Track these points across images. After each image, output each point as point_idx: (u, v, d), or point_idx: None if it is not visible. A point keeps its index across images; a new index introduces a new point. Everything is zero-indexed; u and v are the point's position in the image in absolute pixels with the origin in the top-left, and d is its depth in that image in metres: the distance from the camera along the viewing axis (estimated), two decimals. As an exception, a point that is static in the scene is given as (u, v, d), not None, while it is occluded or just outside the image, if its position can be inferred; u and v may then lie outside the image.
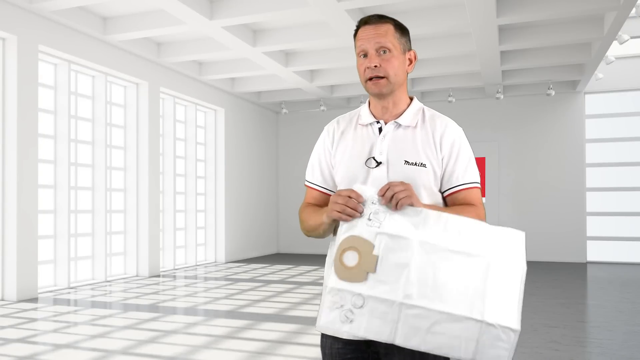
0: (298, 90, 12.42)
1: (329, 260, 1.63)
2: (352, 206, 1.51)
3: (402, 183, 1.49)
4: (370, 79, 1.65)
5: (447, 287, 1.46)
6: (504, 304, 1.45)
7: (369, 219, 1.52)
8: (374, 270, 1.49)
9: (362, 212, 1.53)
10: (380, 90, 1.65)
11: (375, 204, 1.53)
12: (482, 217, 1.64)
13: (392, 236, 1.50)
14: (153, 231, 9.50)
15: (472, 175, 1.67)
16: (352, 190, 1.53)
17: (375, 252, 1.50)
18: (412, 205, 1.50)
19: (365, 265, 1.50)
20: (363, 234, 1.52)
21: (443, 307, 1.44)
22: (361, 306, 1.49)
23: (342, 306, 1.50)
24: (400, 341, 1.47)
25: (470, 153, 1.69)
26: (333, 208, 1.52)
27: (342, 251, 1.53)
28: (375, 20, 1.67)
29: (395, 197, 1.48)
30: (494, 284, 1.45)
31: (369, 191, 1.55)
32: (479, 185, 1.68)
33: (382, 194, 1.49)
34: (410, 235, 1.49)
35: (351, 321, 1.50)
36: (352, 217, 1.52)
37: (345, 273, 1.51)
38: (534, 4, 7.22)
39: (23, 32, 7.09)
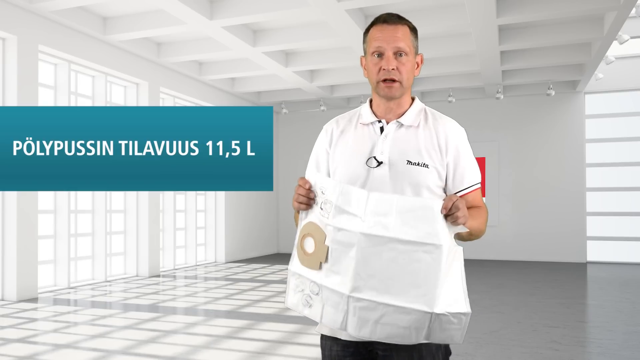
0: (298, 90, 12.41)
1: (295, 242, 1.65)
2: (303, 194, 1.53)
3: (464, 207, 1.44)
4: (384, 80, 1.62)
5: (395, 278, 1.43)
6: (451, 289, 1.42)
7: (321, 208, 1.53)
8: (326, 261, 1.50)
9: (315, 199, 1.54)
10: (392, 93, 1.64)
11: (324, 194, 1.52)
12: (487, 215, 1.68)
13: (337, 229, 1.49)
14: (153, 231, 9.49)
15: (477, 175, 1.68)
16: (302, 178, 1.54)
17: (326, 242, 1.50)
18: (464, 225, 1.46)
19: (319, 255, 1.51)
20: (317, 222, 1.53)
21: (390, 299, 1.43)
22: (317, 293, 1.52)
23: (302, 290, 1.55)
24: (351, 331, 1.48)
25: (472, 153, 1.70)
26: (293, 198, 1.56)
27: (302, 236, 1.55)
28: (394, 21, 1.64)
29: (454, 217, 1.42)
30: (442, 271, 1.41)
31: (319, 181, 1.54)
32: (480, 184, 1.70)
33: (447, 211, 1.42)
34: (355, 228, 1.46)
35: (310, 306, 1.54)
36: (306, 204, 1.54)
37: (305, 259, 1.54)
38: (534, 4, 7.22)
39: (23, 32, 7.08)
